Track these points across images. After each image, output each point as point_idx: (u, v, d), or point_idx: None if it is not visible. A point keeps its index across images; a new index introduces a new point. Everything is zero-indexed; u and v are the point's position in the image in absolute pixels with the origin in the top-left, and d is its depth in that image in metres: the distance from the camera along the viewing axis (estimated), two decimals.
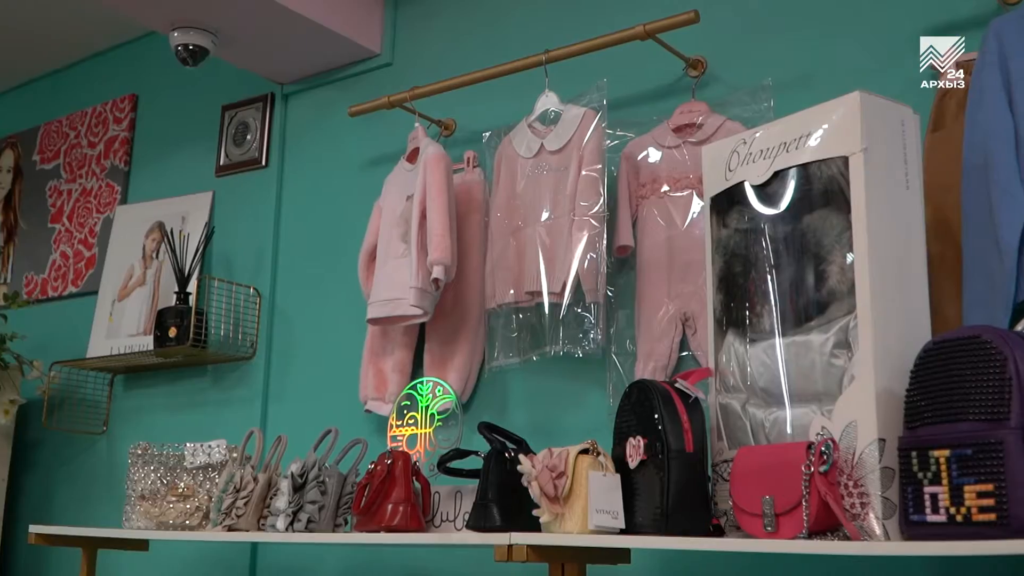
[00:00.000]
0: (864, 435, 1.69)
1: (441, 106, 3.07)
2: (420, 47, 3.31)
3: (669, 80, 2.69)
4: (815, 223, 1.85)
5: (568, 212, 2.51)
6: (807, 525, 1.66)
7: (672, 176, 2.52)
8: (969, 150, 1.99)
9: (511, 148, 2.72)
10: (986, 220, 1.92)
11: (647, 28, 2.51)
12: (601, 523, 1.91)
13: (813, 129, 1.87)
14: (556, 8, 3.00)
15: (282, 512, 2.44)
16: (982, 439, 1.52)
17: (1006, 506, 1.48)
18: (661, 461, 1.89)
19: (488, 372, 2.78)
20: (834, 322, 1.80)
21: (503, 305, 2.64)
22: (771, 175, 1.94)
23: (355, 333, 3.07)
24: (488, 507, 2.13)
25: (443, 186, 2.70)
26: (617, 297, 2.60)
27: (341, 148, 3.43)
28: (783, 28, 2.54)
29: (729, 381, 1.98)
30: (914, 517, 1.60)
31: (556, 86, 2.68)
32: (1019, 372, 1.51)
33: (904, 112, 1.86)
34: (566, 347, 2.52)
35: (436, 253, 2.62)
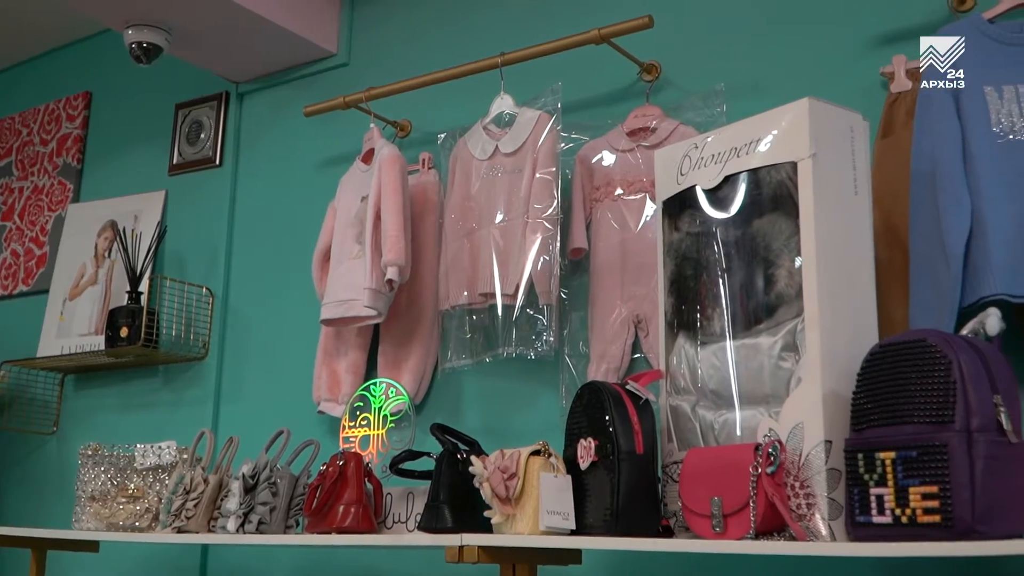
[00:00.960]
0: (811, 437, 1.71)
1: (397, 107, 3.07)
2: (376, 48, 3.31)
3: (624, 84, 2.70)
4: (764, 227, 1.87)
5: (522, 214, 2.52)
6: (754, 526, 1.68)
7: (626, 179, 2.53)
8: (917, 157, 2.02)
9: (466, 150, 2.73)
10: (933, 226, 1.95)
11: (602, 32, 2.52)
12: (552, 524, 1.92)
13: (763, 134, 1.89)
14: (512, 11, 3.01)
15: (233, 513, 2.43)
16: (927, 441, 1.54)
17: (950, 508, 1.50)
18: (611, 462, 1.90)
19: (441, 373, 2.78)
20: (782, 325, 1.82)
21: (457, 306, 2.65)
22: (722, 179, 1.96)
23: (308, 334, 3.06)
24: (440, 508, 2.13)
25: (398, 187, 2.70)
26: (571, 299, 2.61)
27: (296, 148, 3.42)
28: (736, 34, 2.57)
29: (680, 383, 2.00)
30: (860, 518, 1.62)
31: (512, 89, 2.69)
32: (963, 375, 1.54)
33: (853, 118, 1.88)
34: (519, 349, 2.53)
35: (390, 254, 2.62)
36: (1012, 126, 1.96)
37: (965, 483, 1.50)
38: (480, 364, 2.66)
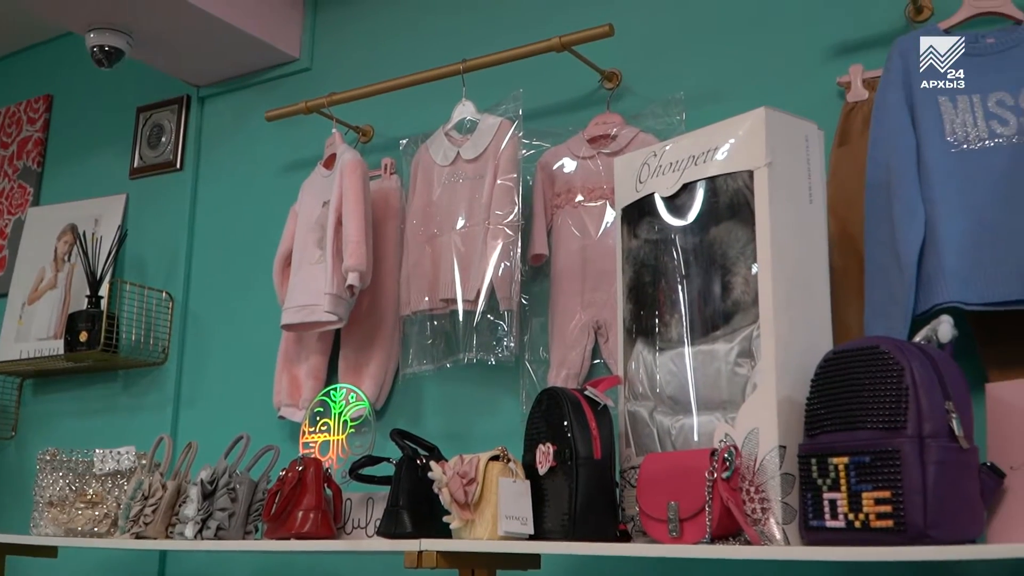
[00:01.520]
0: (766, 442, 1.73)
1: (359, 112, 3.07)
2: (339, 53, 3.31)
3: (585, 92, 2.72)
4: (721, 235, 1.89)
5: (483, 220, 2.53)
6: (710, 530, 1.70)
7: (586, 186, 2.55)
8: (872, 166, 2.05)
9: (428, 156, 2.74)
10: (887, 234, 1.98)
11: (563, 40, 2.53)
12: (510, 529, 1.93)
13: (720, 143, 1.91)
14: (474, 18, 3.02)
15: (191, 519, 2.42)
16: (880, 447, 1.56)
17: (903, 513, 1.53)
18: (570, 468, 1.91)
19: (402, 379, 2.79)
20: (739, 332, 1.84)
21: (418, 312, 2.65)
22: (680, 187, 1.97)
23: (269, 339, 3.06)
24: (399, 513, 2.14)
25: (359, 192, 2.70)
26: (531, 305, 2.62)
27: (257, 152, 3.41)
28: (696, 43, 2.59)
29: (638, 389, 2.02)
30: (813, 523, 1.64)
31: (474, 95, 2.70)
32: (916, 382, 1.56)
33: (808, 128, 1.91)
34: (479, 354, 2.54)
35: (351, 260, 2.62)
36: (966, 136, 1.98)
37: (917, 488, 1.52)
38: (441, 370, 2.66)
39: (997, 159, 1.96)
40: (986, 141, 1.97)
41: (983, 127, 1.98)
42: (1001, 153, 1.96)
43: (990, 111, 1.99)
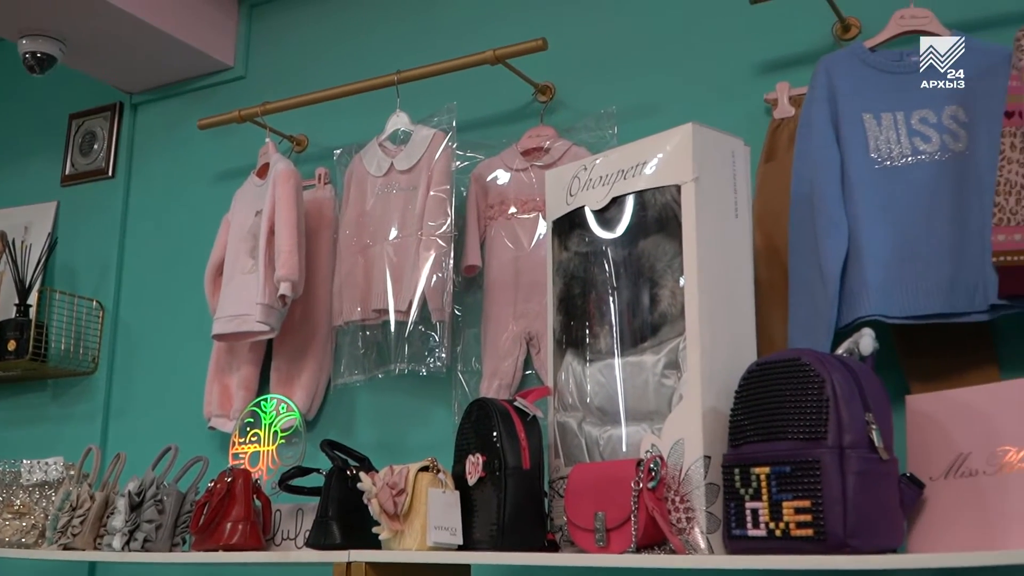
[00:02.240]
0: (691, 452, 1.76)
1: (293, 122, 3.06)
2: (274, 62, 3.30)
3: (519, 104, 2.74)
4: (649, 248, 1.91)
5: (416, 231, 2.54)
6: (635, 539, 1.72)
7: (520, 198, 2.57)
8: (797, 181, 2.08)
9: (361, 166, 2.74)
10: (811, 248, 2.01)
11: (497, 53, 2.55)
12: (440, 540, 1.94)
13: (649, 158, 1.93)
14: (410, 30, 3.03)
15: (118, 531, 2.41)
16: (800, 457, 1.59)
17: (822, 522, 1.55)
18: (499, 478, 1.92)
19: (334, 389, 2.78)
20: (665, 343, 1.86)
21: (350, 322, 2.65)
22: (609, 201, 2.00)
23: (201, 349, 3.03)
24: (328, 524, 2.14)
25: (292, 202, 2.70)
26: (464, 316, 2.64)
27: (191, 161, 3.39)
28: (628, 58, 2.62)
29: (567, 400, 2.03)
30: (736, 532, 1.67)
31: (408, 106, 2.71)
32: (836, 393, 1.59)
33: (735, 143, 1.94)
34: (411, 365, 2.55)
35: (283, 269, 2.61)
36: (889, 152, 2.03)
37: (837, 498, 1.55)
38: (373, 380, 2.66)
39: (919, 175, 2.01)
40: (909, 158, 2.02)
41: (906, 144, 2.03)
42: (923, 169, 2.01)
43: (913, 128, 2.03)
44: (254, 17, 3.38)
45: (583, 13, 2.73)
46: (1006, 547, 1.58)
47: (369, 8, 3.14)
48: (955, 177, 1.98)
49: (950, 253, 1.94)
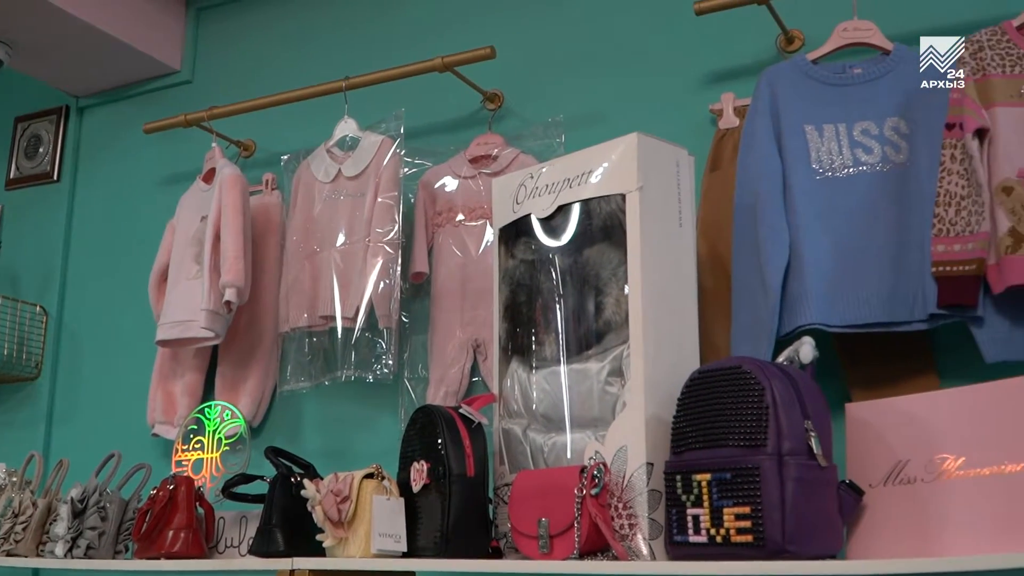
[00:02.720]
0: (634, 459, 1.77)
1: (241, 127, 3.05)
2: (221, 66, 3.29)
3: (467, 112, 2.75)
4: (595, 256, 1.92)
5: (363, 238, 2.53)
6: (578, 546, 1.72)
7: (467, 206, 2.57)
8: (740, 191, 2.11)
9: (309, 172, 2.73)
10: (753, 258, 2.03)
11: (445, 61, 2.56)
12: (384, 547, 1.93)
13: (594, 167, 1.94)
14: (359, 36, 3.02)
15: (61, 538, 2.38)
16: (740, 464, 1.60)
17: (762, 528, 1.56)
18: (443, 485, 1.92)
19: (280, 396, 2.76)
20: (610, 351, 1.87)
21: (296, 329, 2.64)
22: (555, 209, 2.00)
23: (145, 354, 3.00)
24: (271, 532, 2.13)
25: (238, 207, 2.68)
26: (412, 323, 2.63)
27: (137, 165, 3.36)
28: (575, 67, 2.64)
29: (512, 407, 2.04)
30: (678, 538, 1.68)
31: (356, 113, 2.70)
32: (776, 401, 1.61)
33: (679, 153, 1.95)
34: (357, 372, 2.54)
35: (228, 275, 2.59)
36: (831, 163, 2.06)
37: (776, 504, 1.56)
38: (319, 387, 2.65)
39: (861, 186, 2.04)
40: (850, 169, 2.04)
41: (848, 155, 2.05)
42: (865, 180, 2.04)
43: (855, 140, 2.06)
44: (201, 21, 3.36)
45: (531, 22, 2.74)
46: (944, 554, 1.59)
47: (318, 14, 3.13)
48: (896, 188, 2.01)
49: (890, 263, 1.97)
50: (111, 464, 2.47)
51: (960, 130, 1.93)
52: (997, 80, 1.94)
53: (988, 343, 1.89)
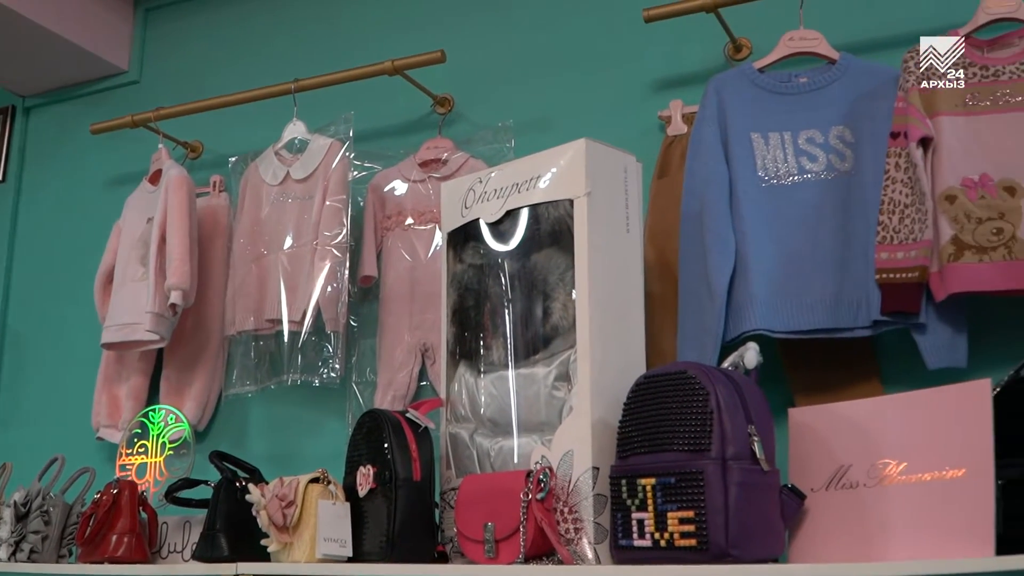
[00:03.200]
0: (580, 464, 1.77)
1: (189, 128, 3.02)
2: (169, 67, 3.26)
3: (417, 115, 2.74)
4: (542, 261, 1.93)
5: (311, 241, 2.52)
6: (523, 550, 1.72)
7: (417, 209, 2.56)
8: (687, 198, 2.12)
9: (257, 174, 2.71)
10: (700, 264, 2.05)
11: (395, 64, 2.55)
12: (329, 552, 1.92)
13: (543, 172, 1.95)
14: (309, 38, 3.01)
15: (4, 542, 2.36)
16: (685, 468, 1.61)
17: (705, 532, 1.57)
18: (389, 489, 1.92)
19: (226, 400, 2.74)
20: (557, 356, 1.87)
21: (243, 332, 2.62)
22: (504, 214, 2.00)
23: (90, 357, 2.97)
24: (215, 537, 2.11)
25: (184, 209, 2.65)
26: (360, 327, 2.62)
27: (83, 166, 3.32)
28: (526, 72, 2.64)
29: (459, 411, 2.03)
30: (623, 542, 1.68)
31: (306, 115, 2.69)
32: (720, 406, 1.62)
33: (627, 159, 1.96)
34: (304, 376, 2.52)
35: (174, 278, 2.57)
36: (776, 171, 2.07)
37: (719, 508, 1.58)
38: (266, 391, 2.63)
39: (806, 194, 2.05)
40: (796, 176, 2.06)
41: (793, 163, 2.07)
42: (809, 188, 2.05)
43: (800, 148, 2.08)
44: (150, 21, 3.34)
45: (482, 27, 2.74)
46: (885, 559, 1.61)
47: (267, 16, 3.11)
48: (841, 196, 2.03)
49: (835, 270, 1.99)
50: (55, 468, 2.45)
51: (904, 139, 1.95)
52: (942, 89, 1.97)
53: (930, 350, 1.91)
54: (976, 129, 1.93)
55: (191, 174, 2.79)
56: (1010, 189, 1.88)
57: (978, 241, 1.86)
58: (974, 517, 1.53)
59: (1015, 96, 1.93)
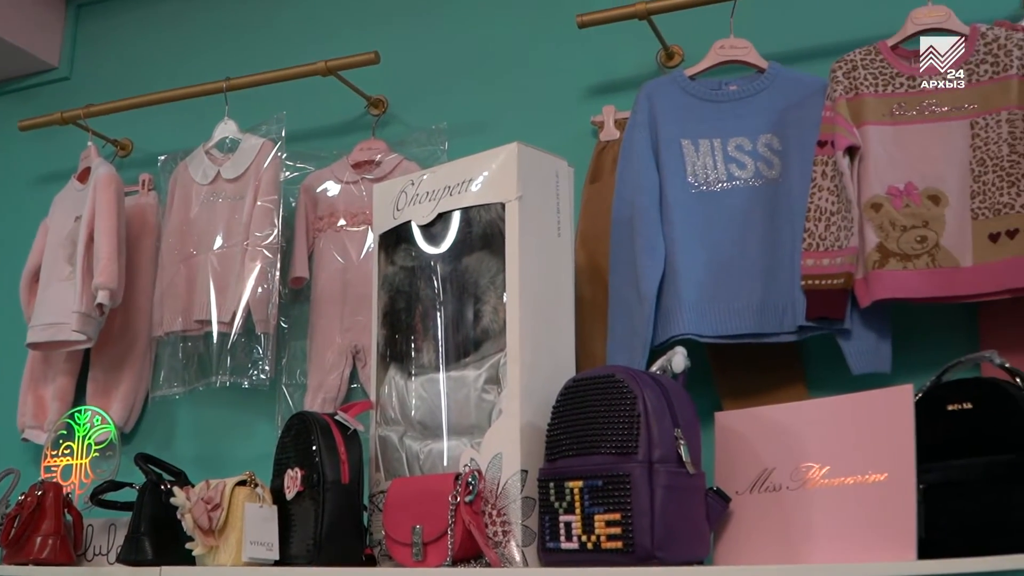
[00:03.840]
0: (509, 466, 1.78)
1: (120, 126, 2.98)
2: (100, 64, 3.22)
3: (351, 116, 2.73)
4: (473, 264, 1.93)
5: (242, 241, 2.50)
6: (451, 553, 1.73)
7: (349, 211, 2.56)
8: (618, 202, 2.13)
9: (187, 173, 2.69)
10: (630, 269, 2.06)
11: (329, 65, 2.54)
12: (255, 555, 1.91)
13: (475, 175, 1.95)
14: (242, 38, 2.99)
15: None
16: (612, 471, 1.62)
17: (631, 534, 1.59)
18: (317, 492, 1.91)
19: (153, 401, 2.71)
20: (487, 359, 1.88)
21: (171, 333, 2.59)
22: (435, 216, 2.01)
23: (16, 357, 2.91)
24: (140, 540, 2.09)
25: (112, 208, 2.62)
26: (291, 328, 2.61)
27: (11, 163, 3.26)
28: (460, 75, 2.65)
29: (389, 414, 2.03)
30: (550, 544, 1.69)
31: (238, 115, 2.67)
32: (647, 409, 1.63)
33: (559, 164, 1.97)
34: (232, 378, 2.50)
35: (101, 277, 2.53)
36: (706, 177, 2.09)
37: (645, 511, 1.59)
38: (194, 393, 2.61)
39: (734, 200, 2.07)
40: (725, 183, 2.09)
41: (722, 170, 2.09)
42: (738, 195, 2.08)
43: (729, 155, 2.10)
44: (81, 17, 3.29)
45: (417, 29, 2.74)
46: (808, 561, 1.63)
47: (201, 14, 3.08)
48: (768, 203, 2.05)
49: (762, 276, 2.01)
50: None
51: (831, 147, 1.98)
52: (869, 99, 2.00)
53: (854, 355, 1.94)
54: (902, 139, 1.97)
55: (120, 172, 2.75)
56: (935, 198, 1.91)
57: (902, 249, 1.89)
58: (896, 521, 1.56)
59: (941, 106, 1.96)
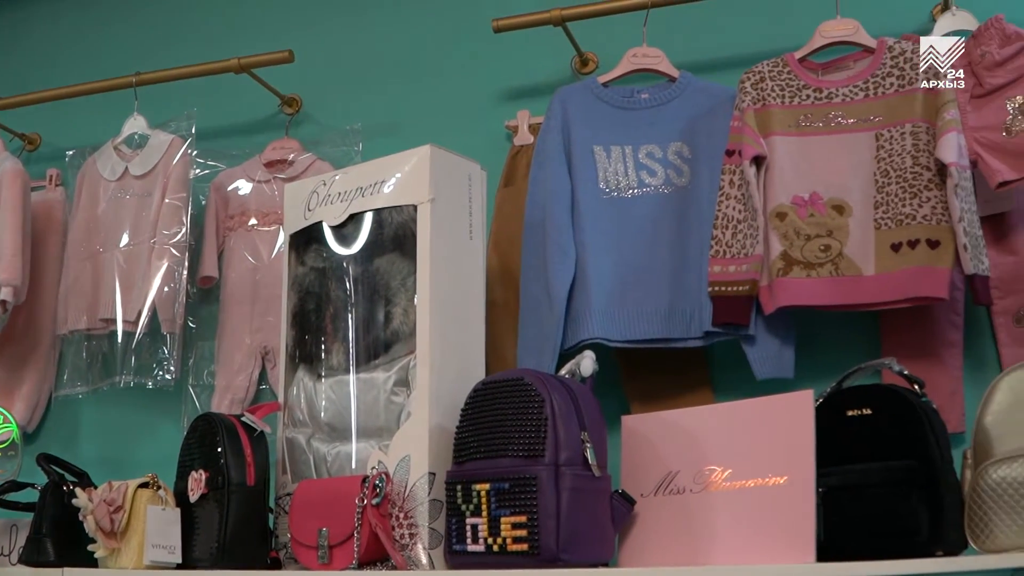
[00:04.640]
0: (416, 469, 1.78)
1: (27, 119, 2.92)
2: (7, 56, 3.14)
3: (264, 115, 2.71)
4: (385, 266, 1.93)
5: (149, 239, 2.46)
6: (357, 556, 1.72)
7: (261, 210, 2.53)
8: (530, 207, 2.14)
9: (95, 169, 2.64)
10: (541, 272, 2.08)
11: (242, 62, 2.51)
12: (157, 558, 1.89)
13: (387, 177, 1.95)
14: (154, 32, 2.94)
15: None
16: (519, 474, 1.63)
17: (537, 537, 1.60)
18: (222, 495, 1.89)
19: (56, 401, 2.66)
20: (397, 361, 1.88)
21: (75, 331, 2.54)
22: (347, 217, 2.00)
23: None
24: (42, 541, 2.05)
25: (17, 203, 2.56)
26: (199, 328, 2.57)
27: None
28: (376, 76, 2.64)
29: (297, 415, 2.02)
30: (457, 547, 1.70)
31: (149, 110, 2.63)
32: (555, 413, 1.64)
33: (472, 167, 1.98)
34: (136, 378, 2.46)
35: (4, 273, 2.47)
36: (617, 184, 2.12)
37: (551, 513, 1.60)
38: (98, 392, 2.56)
39: (644, 207, 2.10)
40: (635, 190, 2.11)
41: (633, 177, 2.12)
42: (648, 201, 2.10)
43: (640, 162, 2.13)
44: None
45: (332, 28, 2.72)
46: (710, 563, 1.66)
47: (112, 8, 3.03)
48: (677, 210, 2.08)
49: (670, 281, 2.04)
50: None
51: (739, 157, 2.01)
52: (776, 110, 2.04)
53: (758, 361, 1.98)
54: (808, 149, 2.01)
55: (27, 167, 2.69)
56: (839, 208, 1.95)
57: (806, 257, 1.93)
58: (795, 524, 1.59)
59: (847, 118, 2.00)
